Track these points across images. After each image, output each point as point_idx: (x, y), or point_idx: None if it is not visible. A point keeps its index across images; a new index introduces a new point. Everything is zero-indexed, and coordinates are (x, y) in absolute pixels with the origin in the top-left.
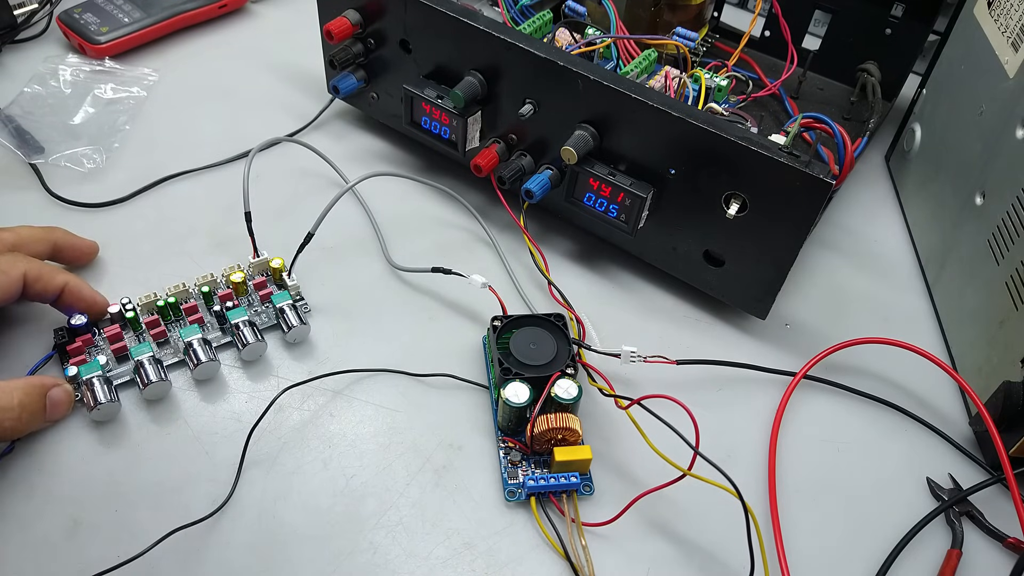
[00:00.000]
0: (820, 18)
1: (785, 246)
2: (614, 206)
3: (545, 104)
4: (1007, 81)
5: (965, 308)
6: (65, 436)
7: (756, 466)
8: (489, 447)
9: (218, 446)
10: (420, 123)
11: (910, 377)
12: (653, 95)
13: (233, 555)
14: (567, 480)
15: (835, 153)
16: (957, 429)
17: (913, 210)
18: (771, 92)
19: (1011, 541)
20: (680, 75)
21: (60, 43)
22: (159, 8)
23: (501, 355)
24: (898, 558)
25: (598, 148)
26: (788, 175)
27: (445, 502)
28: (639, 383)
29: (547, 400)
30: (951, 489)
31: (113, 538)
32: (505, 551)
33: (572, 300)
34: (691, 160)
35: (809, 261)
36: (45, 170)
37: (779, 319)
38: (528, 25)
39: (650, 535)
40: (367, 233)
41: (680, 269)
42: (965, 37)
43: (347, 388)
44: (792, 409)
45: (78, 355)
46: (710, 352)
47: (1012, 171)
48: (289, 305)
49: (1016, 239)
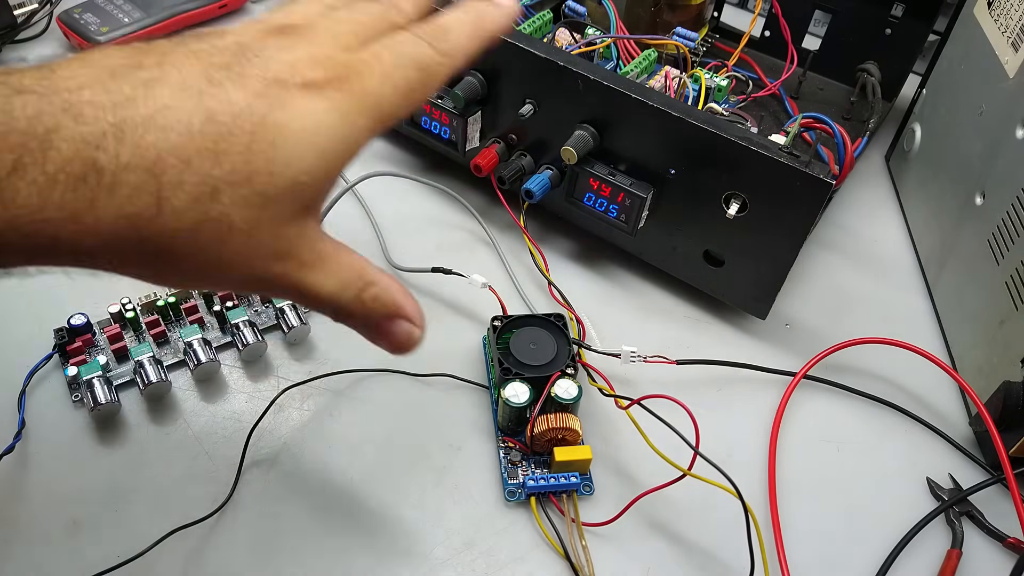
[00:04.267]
0: (820, 18)
1: (785, 246)
2: (614, 206)
3: (545, 104)
4: (1007, 81)
5: (965, 308)
6: (65, 436)
7: (756, 466)
8: (489, 447)
9: (218, 446)
10: (420, 123)
11: (910, 377)
12: (653, 95)
13: (233, 555)
14: (567, 480)
15: (835, 153)
16: (957, 429)
17: (913, 210)
18: (771, 92)
19: (1011, 541)
20: (680, 75)
21: (60, 43)
22: (159, 8)
23: (501, 355)
24: (898, 558)
25: (598, 148)
26: (788, 175)
27: (445, 502)
28: (639, 383)
29: (547, 400)
30: (951, 489)
31: (113, 538)
32: (505, 551)
33: (572, 300)
34: (691, 160)
35: (809, 261)
36: None
37: (779, 319)
38: (528, 25)
39: (650, 535)
40: (367, 233)
41: (680, 269)
42: (965, 37)
43: (347, 388)
44: (792, 409)
45: (78, 355)
46: (710, 352)
47: (1012, 171)
48: (289, 305)
49: (1016, 239)
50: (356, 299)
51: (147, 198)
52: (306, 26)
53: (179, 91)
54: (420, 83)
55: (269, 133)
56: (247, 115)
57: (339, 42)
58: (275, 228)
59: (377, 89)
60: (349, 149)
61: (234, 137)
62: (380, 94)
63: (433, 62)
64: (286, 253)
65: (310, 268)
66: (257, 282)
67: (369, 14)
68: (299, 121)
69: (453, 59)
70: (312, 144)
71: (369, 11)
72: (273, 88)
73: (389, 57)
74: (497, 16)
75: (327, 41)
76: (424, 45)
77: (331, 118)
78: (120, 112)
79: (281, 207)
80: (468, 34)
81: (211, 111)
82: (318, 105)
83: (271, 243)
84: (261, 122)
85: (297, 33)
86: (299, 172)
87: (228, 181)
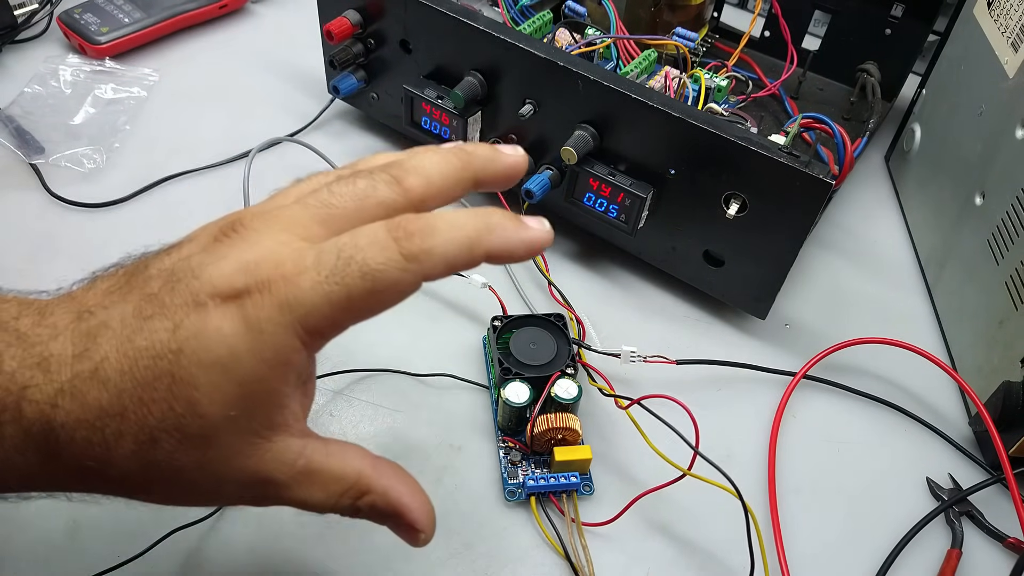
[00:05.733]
0: (820, 18)
1: (785, 246)
2: (614, 206)
3: (545, 104)
4: (1007, 81)
5: (965, 308)
6: None
7: (756, 466)
8: (489, 447)
9: None
10: (420, 123)
11: (910, 377)
12: (653, 95)
13: (233, 555)
14: (567, 480)
15: (835, 153)
16: (957, 429)
17: (913, 210)
18: (771, 92)
19: (1011, 541)
20: (680, 75)
21: (60, 43)
22: (159, 8)
23: (501, 355)
24: (898, 558)
25: (598, 148)
26: (788, 175)
27: (445, 502)
28: (639, 383)
29: (547, 400)
30: (951, 489)
31: (113, 538)
32: (505, 551)
33: (572, 300)
34: (691, 160)
35: (809, 261)
36: (45, 170)
37: (779, 319)
38: (528, 25)
39: (650, 535)
40: None
41: (680, 269)
42: (965, 37)
43: (347, 388)
44: (792, 409)
45: None
46: (710, 352)
47: (1012, 171)
48: None
49: (1016, 239)
50: (351, 508)
51: (98, 449)
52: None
53: (116, 336)
54: (364, 292)
55: (185, 371)
56: (164, 354)
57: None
58: (231, 460)
59: (305, 297)
60: (276, 368)
61: (158, 382)
62: (309, 303)
63: (391, 268)
64: (258, 480)
65: (293, 486)
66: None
67: (353, 196)
68: (211, 350)
69: (422, 267)
70: (229, 374)
71: (354, 192)
72: (192, 311)
73: (329, 259)
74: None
75: (274, 234)
76: (388, 247)
77: (245, 341)
78: (76, 366)
79: (226, 442)
80: (459, 243)
81: (137, 354)
82: (230, 325)
83: (234, 475)
84: (176, 359)
85: (240, 233)
86: (225, 408)
87: (162, 428)
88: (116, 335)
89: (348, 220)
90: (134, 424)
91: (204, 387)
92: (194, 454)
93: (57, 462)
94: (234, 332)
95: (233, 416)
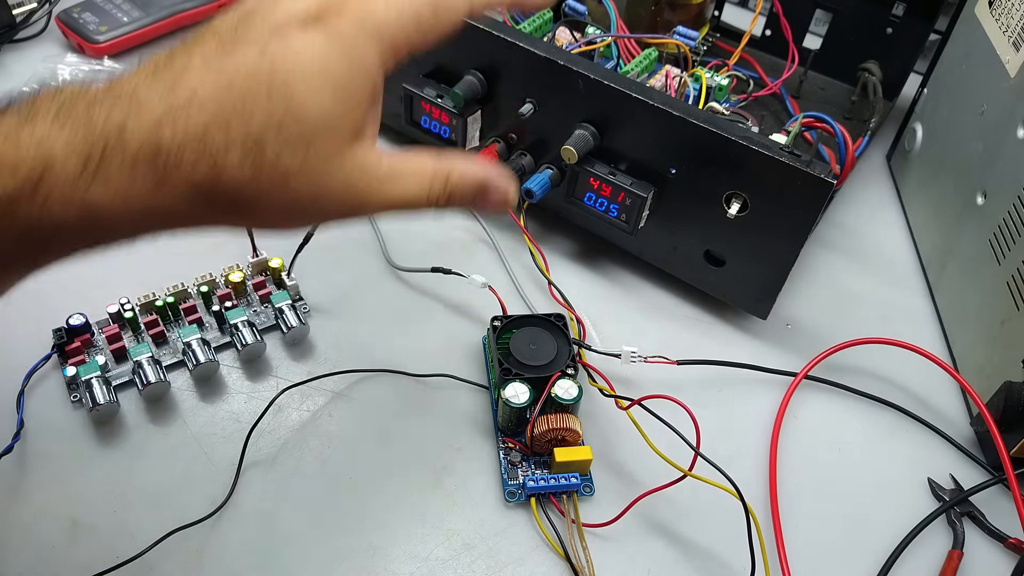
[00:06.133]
0: (821, 17)
1: (786, 246)
2: (614, 206)
3: (545, 103)
4: (1008, 80)
5: (966, 308)
6: (64, 436)
7: (757, 466)
8: (489, 448)
9: (217, 446)
10: (420, 122)
11: (911, 377)
12: (654, 94)
13: (233, 555)
14: (567, 481)
15: (836, 153)
16: (958, 429)
17: (914, 210)
18: (772, 91)
19: (1012, 542)
20: (681, 74)
21: (59, 42)
22: (158, 8)
23: (501, 355)
24: (899, 559)
25: (598, 147)
26: (789, 175)
27: (445, 502)
28: (639, 383)
29: (547, 400)
30: (952, 489)
31: (112, 538)
32: (505, 552)
33: (572, 300)
34: (692, 160)
35: (810, 261)
36: None
37: (780, 319)
38: (528, 24)
39: (650, 536)
40: (367, 233)
41: (680, 269)
42: (966, 36)
43: (347, 388)
44: (793, 409)
45: (77, 355)
46: (711, 352)
47: (1013, 171)
48: (288, 305)
49: (1017, 239)
50: (444, 194)
51: (206, 165)
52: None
53: (203, 70)
54: (430, 9)
55: (280, 81)
56: (258, 71)
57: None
58: (330, 162)
59: (380, 14)
60: (362, 75)
61: (255, 94)
62: (383, 19)
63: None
64: (355, 179)
65: (388, 182)
66: (344, 210)
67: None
68: (303, 61)
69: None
70: (322, 79)
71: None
72: (275, 37)
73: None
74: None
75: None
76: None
77: (332, 49)
78: (169, 99)
79: (325, 143)
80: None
81: (230, 78)
82: (316, 39)
83: (334, 174)
84: (270, 73)
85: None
86: (321, 109)
87: (264, 133)
88: (201, 69)
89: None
90: (238, 134)
91: (300, 94)
92: (297, 155)
93: (168, 186)
94: (321, 44)
95: (326, 119)
